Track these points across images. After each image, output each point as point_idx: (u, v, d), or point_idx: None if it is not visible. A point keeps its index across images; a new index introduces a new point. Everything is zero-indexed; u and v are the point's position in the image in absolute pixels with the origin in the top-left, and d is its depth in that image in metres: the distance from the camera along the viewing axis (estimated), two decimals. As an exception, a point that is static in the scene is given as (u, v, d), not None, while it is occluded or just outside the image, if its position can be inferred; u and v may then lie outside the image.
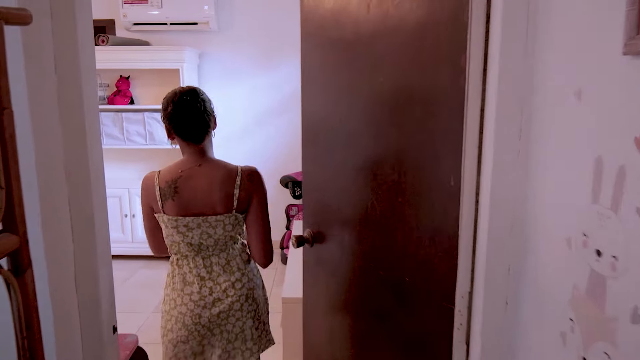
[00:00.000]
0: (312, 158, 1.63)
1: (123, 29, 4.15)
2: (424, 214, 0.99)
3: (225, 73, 4.28)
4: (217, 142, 4.29)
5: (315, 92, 1.56)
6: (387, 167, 1.10)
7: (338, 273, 1.46)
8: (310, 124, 1.61)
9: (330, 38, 1.37)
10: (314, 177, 1.63)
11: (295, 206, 4.29)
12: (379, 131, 1.15)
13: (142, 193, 1.62)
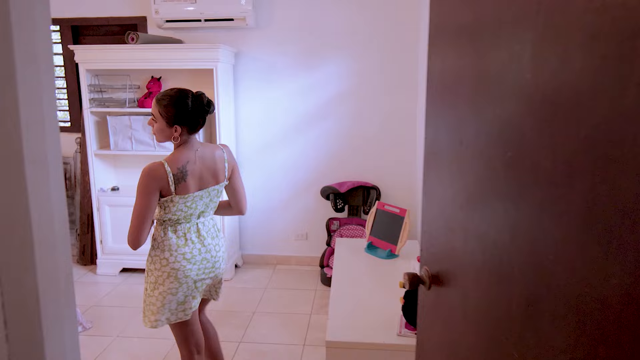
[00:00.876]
0: (437, 181, 1.22)
1: (155, 26, 3.87)
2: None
3: (262, 74, 3.93)
4: (253, 149, 3.95)
5: (451, 95, 1.13)
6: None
7: (463, 341, 1.04)
8: (437, 137, 1.19)
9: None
10: (439, 204, 1.22)
11: (336, 220, 3.88)
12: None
13: (149, 182, 1.81)
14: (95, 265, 4.08)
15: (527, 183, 0.71)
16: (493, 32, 0.82)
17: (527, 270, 0.72)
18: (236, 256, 4.07)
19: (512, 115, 0.76)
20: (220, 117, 3.62)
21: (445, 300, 1.16)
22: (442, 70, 1.14)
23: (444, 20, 1.12)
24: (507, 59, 0.76)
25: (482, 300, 0.91)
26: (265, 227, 4.18)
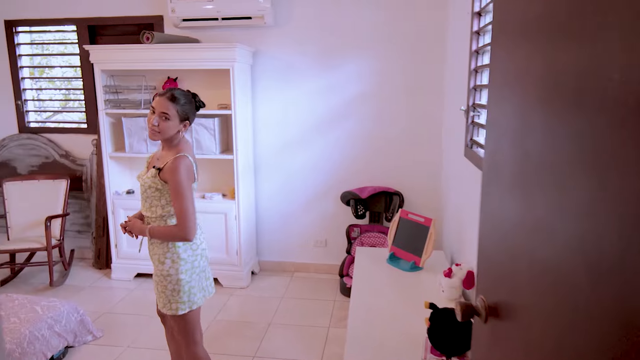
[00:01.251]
0: (498, 198, 1.04)
1: (172, 25, 3.76)
2: None
3: (280, 74, 3.78)
4: (271, 151, 3.80)
5: (516, 99, 0.95)
6: None
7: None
8: (499, 147, 1.02)
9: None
10: (500, 225, 1.04)
11: (357, 227, 3.70)
12: None
13: (189, 174, 1.95)
14: (110, 269, 4.00)
15: (612, 207, 0.53)
16: (570, 25, 0.64)
17: (612, 320, 0.54)
18: (253, 262, 3.93)
19: (593, 124, 0.58)
20: (237, 118, 3.48)
21: (504, 336, 0.97)
22: (506, 71, 0.95)
23: (509, 15, 0.94)
24: (589, 57, 0.58)
25: (551, 342, 0.73)
26: (282, 233, 4.03)
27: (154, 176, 1.95)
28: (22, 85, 4.24)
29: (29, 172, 4.27)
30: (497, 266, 1.03)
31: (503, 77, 0.98)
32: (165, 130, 1.93)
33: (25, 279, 3.92)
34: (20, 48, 4.20)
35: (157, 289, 2.03)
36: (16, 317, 2.58)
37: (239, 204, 3.60)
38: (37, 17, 4.06)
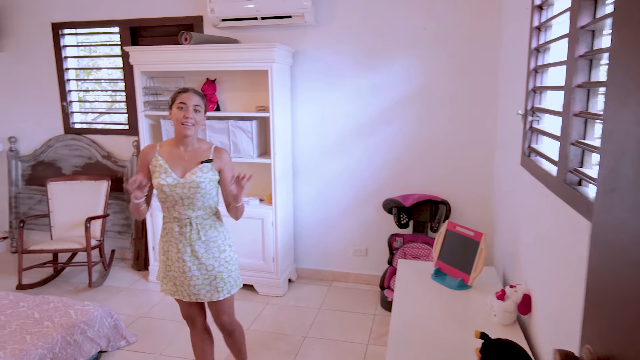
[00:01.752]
0: (616, 227, 0.83)
1: (211, 25, 3.68)
2: None
3: (320, 75, 3.63)
4: (309, 155, 3.65)
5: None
6: None
7: None
8: (618, 165, 0.81)
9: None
10: (615, 259, 0.82)
11: (400, 236, 3.50)
12: None
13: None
14: (148, 271, 3.98)
15: None
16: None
17: None
18: (290, 270, 3.80)
19: None
20: (275, 121, 3.36)
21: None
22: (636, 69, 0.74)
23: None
24: None
25: None
26: (321, 240, 3.87)
27: (210, 170, 2.07)
28: (67, 87, 4.30)
29: (72, 172, 4.33)
30: (615, 309, 0.81)
31: (631, 76, 0.76)
32: (199, 121, 2.06)
33: (67, 278, 3.97)
34: (66, 50, 4.27)
35: (216, 279, 2.10)
36: (50, 321, 2.55)
37: (276, 209, 3.48)
38: (82, 20, 4.10)
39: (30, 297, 2.86)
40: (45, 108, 4.37)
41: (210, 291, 2.10)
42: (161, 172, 2.03)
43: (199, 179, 2.02)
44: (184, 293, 2.12)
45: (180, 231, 2.05)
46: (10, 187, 4.48)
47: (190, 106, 2.01)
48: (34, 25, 4.23)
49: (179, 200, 2.02)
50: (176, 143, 2.09)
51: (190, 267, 2.06)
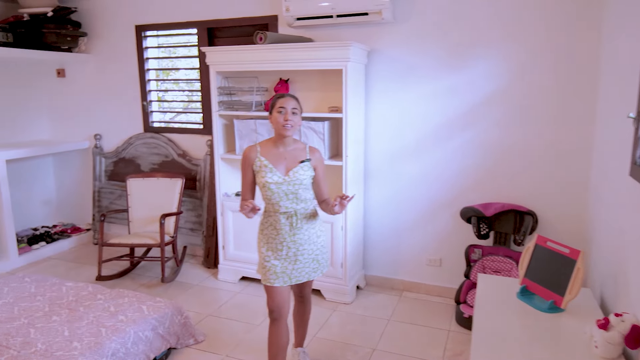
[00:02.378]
0: None
1: (285, 25, 3.64)
2: None
3: (397, 74, 3.46)
4: (382, 158, 3.49)
5: None
6: None
7: None
8: None
9: None
10: None
11: (478, 248, 3.25)
12: None
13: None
14: (217, 269, 4.02)
15: None
16: None
17: None
18: (358, 276, 3.66)
19: None
20: (348, 122, 3.24)
21: None
22: None
23: None
24: None
25: None
26: (393, 247, 3.70)
27: (309, 168, 2.31)
28: (147, 87, 4.46)
29: (150, 169, 4.48)
30: None
31: None
32: (297, 123, 2.28)
33: (142, 271, 4.10)
34: (147, 51, 4.42)
35: (314, 262, 2.38)
36: (123, 315, 2.61)
37: (347, 213, 3.36)
38: (163, 22, 4.22)
39: (107, 290, 2.95)
40: (127, 107, 4.56)
41: (309, 272, 2.38)
42: (267, 172, 2.26)
43: (302, 176, 2.27)
44: (285, 278, 2.32)
45: (287, 222, 2.28)
46: (94, 182, 4.73)
47: (288, 110, 2.23)
48: (119, 28, 4.43)
49: (284, 196, 2.26)
50: (275, 143, 2.32)
51: (295, 252, 2.31)
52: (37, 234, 4.64)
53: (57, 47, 4.34)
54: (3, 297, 2.87)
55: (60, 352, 2.23)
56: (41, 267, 4.20)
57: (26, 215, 4.77)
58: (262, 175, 2.26)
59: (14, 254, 4.15)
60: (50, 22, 4.19)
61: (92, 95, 4.70)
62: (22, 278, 3.14)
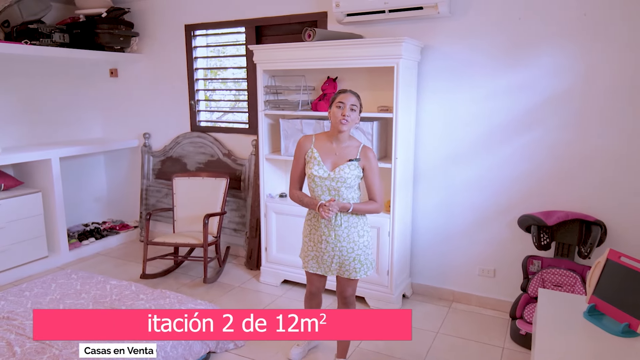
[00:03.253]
0: None
1: (335, 21, 3.52)
2: None
3: (452, 72, 3.26)
4: (434, 161, 3.29)
5: None
6: None
7: None
8: None
9: None
10: None
11: (538, 259, 3.00)
12: None
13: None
14: (260, 271, 3.95)
15: None
16: None
17: None
18: (405, 285, 3.49)
19: None
20: (398, 122, 3.08)
21: None
22: None
23: None
24: None
25: None
26: (442, 255, 3.50)
27: (356, 168, 2.30)
28: (195, 86, 4.47)
29: (196, 168, 4.48)
30: None
31: None
32: (354, 119, 2.28)
33: (185, 270, 4.10)
34: (196, 51, 4.43)
35: (354, 261, 2.35)
36: (165, 317, 2.56)
37: (394, 218, 3.20)
38: (212, 21, 4.21)
39: (149, 290, 2.93)
40: (175, 106, 4.59)
41: (348, 270, 2.37)
42: (314, 164, 2.32)
43: (346, 175, 2.28)
44: (325, 269, 2.42)
45: (325, 218, 2.30)
46: (142, 180, 4.79)
47: (347, 105, 2.25)
48: (169, 27, 4.46)
49: (326, 191, 2.30)
50: (330, 138, 2.36)
51: (333, 248, 2.35)
52: (87, 230, 4.75)
53: (110, 47, 4.42)
54: (50, 293, 2.91)
55: (101, 352, 2.20)
56: (89, 262, 4.29)
57: (78, 211, 4.91)
58: (310, 166, 2.33)
59: (64, 249, 4.25)
60: (104, 22, 4.27)
61: (143, 94, 4.76)
62: (69, 274, 3.19)
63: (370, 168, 2.33)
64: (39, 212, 4.06)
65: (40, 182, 4.18)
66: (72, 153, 4.32)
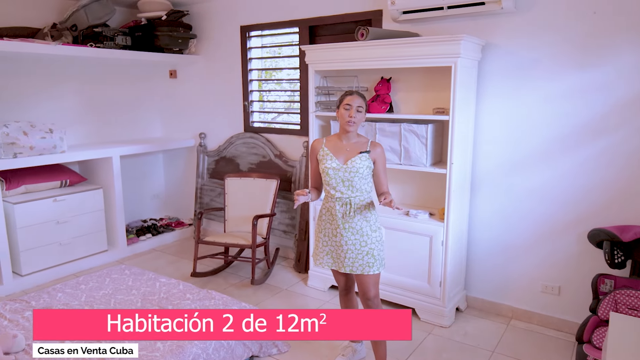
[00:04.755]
0: None
1: (390, 19, 3.38)
2: None
3: (516, 71, 3.03)
4: (493, 168, 3.07)
5: None
6: None
7: None
8: None
9: None
10: None
11: (610, 278, 2.71)
12: None
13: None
14: (307, 275, 3.88)
15: None
16: None
17: None
18: (459, 297, 3.29)
19: None
20: (456, 125, 2.89)
21: None
22: None
23: None
24: None
25: None
26: (500, 268, 3.26)
27: (367, 159, 2.41)
28: (250, 87, 4.48)
29: (248, 169, 4.50)
30: None
31: None
32: (360, 120, 2.42)
33: (235, 270, 4.11)
34: (251, 52, 4.44)
35: (368, 255, 2.40)
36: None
37: (449, 227, 3.02)
38: (267, 21, 4.20)
39: (196, 290, 2.94)
40: (230, 107, 4.63)
41: (362, 265, 2.41)
42: (327, 159, 2.44)
43: (359, 165, 2.38)
44: (339, 264, 2.46)
45: (341, 209, 2.41)
46: (197, 179, 4.88)
47: (354, 107, 2.38)
48: (225, 29, 4.50)
49: (340, 182, 2.41)
50: (339, 137, 2.49)
51: (347, 241, 2.41)
52: (145, 226, 4.91)
53: (169, 49, 4.54)
54: (104, 287, 3.00)
55: (144, 352, 2.21)
56: (145, 258, 4.42)
57: (137, 207, 5.08)
58: (324, 162, 2.45)
59: (122, 244, 4.41)
60: (164, 25, 4.38)
61: (199, 95, 4.85)
62: (122, 270, 3.27)
63: (381, 161, 2.44)
64: (100, 207, 4.23)
65: (102, 179, 4.36)
66: (132, 152, 4.46)
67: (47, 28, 4.00)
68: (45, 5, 4.14)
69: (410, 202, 3.51)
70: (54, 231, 3.91)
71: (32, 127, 3.69)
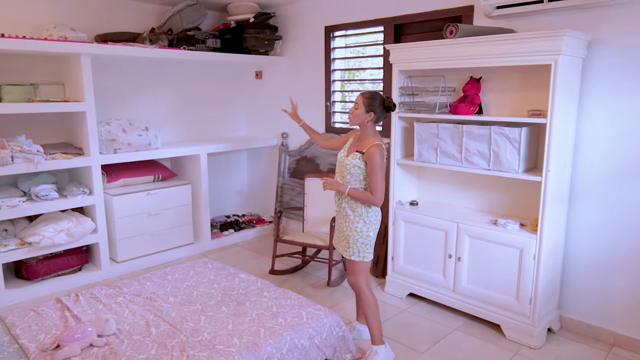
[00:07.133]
0: None
1: (482, 15, 3.18)
2: None
3: (629, 70, 2.70)
4: (597, 176, 2.77)
5: None
6: None
7: None
8: None
9: None
10: None
11: None
12: None
13: (382, 159, 2.52)
14: (385, 280, 3.78)
15: None
16: None
17: None
18: (551, 317, 3.01)
19: None
20: (554, 129, 2.64)
21: None
22: None
23: None
24: None
25: None
26: (602, 288, 2.94)
27: (359, 158, 2.55)
28: (332, 87, 4.46)
29: (327, 169, 4.48)
30: None
31: None
32: (356, 115, 2.59)
33: (312, 270, 4.12)
34: (334, 52, 4.42)
35: (346, 239, 2.64)
36: (283, 319, 2.56)
37: (542, 239, 2.77)
38: (351, 21, 4.16)
39: (273, 288, 2.97)
40: (312, 107, 4.65)
41: (344, 247, 2.68)
42: (342, 150, 2.74)
43: (349, 162, 2.59)
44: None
45: (336, 194, 2.72)
46: (278, 178, 4.97)
47: (354, 104, 2.62)
48: (310, 30, 4.53)
49: (338, 171, 2.69)
50: (358, 133, 2.71)
51: (338, 221, 2.73)
52: (228, 221, 5.09)
53: (256, 50, 4.65)
54: (188, 279, 3.13)
55: (221, 347, 2.26)
56: (227, 252, 4.58)
57: (222, 203, 5.29)
58: (340, 151, 2.77)
59: (207, 238, 4.60)
60: (251, 27, 4.50)
61: (283, 95, 4.93)
62: (205, 264, 3.40)
63: (370, 164, 2.51)
64: (187, 202, 4.45)
65: (190, 174, 4.59)
66: (218, 149, 4.64)
67: (146, 32, 4.27)
68: (146, 11, 4.43)
69: (498, 211, 3.28)
70: (146, 223, 4.17)
71: (130, 125, 3.97)
